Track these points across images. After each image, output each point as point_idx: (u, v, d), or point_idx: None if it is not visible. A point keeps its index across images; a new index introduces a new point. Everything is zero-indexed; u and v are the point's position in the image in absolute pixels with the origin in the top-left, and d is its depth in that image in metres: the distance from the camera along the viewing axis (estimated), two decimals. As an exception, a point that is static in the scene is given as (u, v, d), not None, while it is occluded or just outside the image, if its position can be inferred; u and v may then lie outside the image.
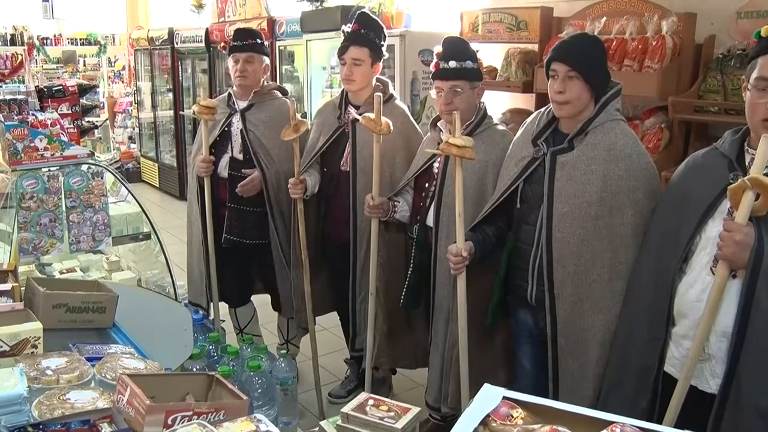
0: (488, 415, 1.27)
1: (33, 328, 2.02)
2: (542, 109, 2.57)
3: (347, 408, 1.75)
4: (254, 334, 3.76)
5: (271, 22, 6.62)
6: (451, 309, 2.79)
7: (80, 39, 12.10)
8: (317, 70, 6.11)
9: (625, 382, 2.23)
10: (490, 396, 1.31)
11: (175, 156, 9.10)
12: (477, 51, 2.93)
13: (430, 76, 2.93)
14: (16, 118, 3.25)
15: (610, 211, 2.32)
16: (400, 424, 1.70)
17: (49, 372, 1.85)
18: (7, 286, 2.35)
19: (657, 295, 2.13)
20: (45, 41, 11.70)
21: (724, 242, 1.87)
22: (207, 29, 7.86)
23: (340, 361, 4.02)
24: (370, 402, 1.80)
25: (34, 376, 1.81)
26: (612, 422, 1.23)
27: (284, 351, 3.45)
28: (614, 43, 3.69)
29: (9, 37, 11.46)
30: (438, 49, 2.85)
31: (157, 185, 9.56)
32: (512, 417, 1.27)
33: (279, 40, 6.53)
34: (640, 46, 3.56)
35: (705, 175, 2.08)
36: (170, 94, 9.09)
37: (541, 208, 2.42)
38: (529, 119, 2.62)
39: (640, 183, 2.32)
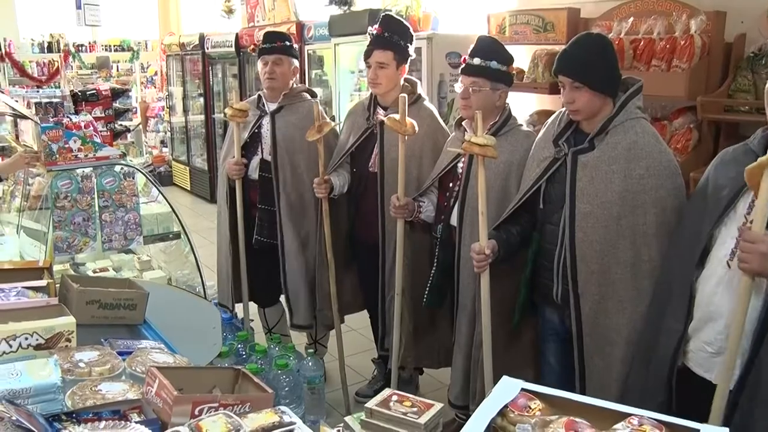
0: (506, 406, 1.28)
1: (67, 322, 2.08)
2: (562, 110, 2.57)
3: (371, 403, 1.77)
4: (282, 334, 3.80)
5: (300, 26, 6.69)
6: (477, 308, 2.80)
7: (114, 45, 12.30)
8: (345, 73, 6.14)
9: (649, 377, 2.23)
10: (508, 387, 1.32)
11: (206, 159, 9.21)
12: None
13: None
14: (51, 120, 3.34)
15: (632, 210, 2.32)
16: (423, 420, 1.71)
17: (81, 364, 1.90)
18: (42, 283, 2.41)
19: (681, 290, 2.12)
20: (80, 48, 11.92)
21: (749, 254, 1.81)
22: (237, 34, 7.95)
23: (368, 361, 4.05)
24: (394, 398, 1.81)
25: (67, 368, 1.86)
26: (629, 414, 1.24)
27: (312, 350, 3.49)
28: (642, 43, 3.66)
29: (46, 45, 11.71)
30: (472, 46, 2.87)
31: (189, 188, 9.68)
32: (530, 408, 1.29)
33: (308, 44, 6.59)
34: (668, 46, 3.53)
35: (731, 169, 2.07)
36: (201, 99, 9.20)
37: (564, 208, 2.42)
38: (550, 119, 2.63)
39: (662, 181, 2.32)
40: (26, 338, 2.01)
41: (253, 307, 3.87)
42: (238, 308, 3.88)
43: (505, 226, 2.66)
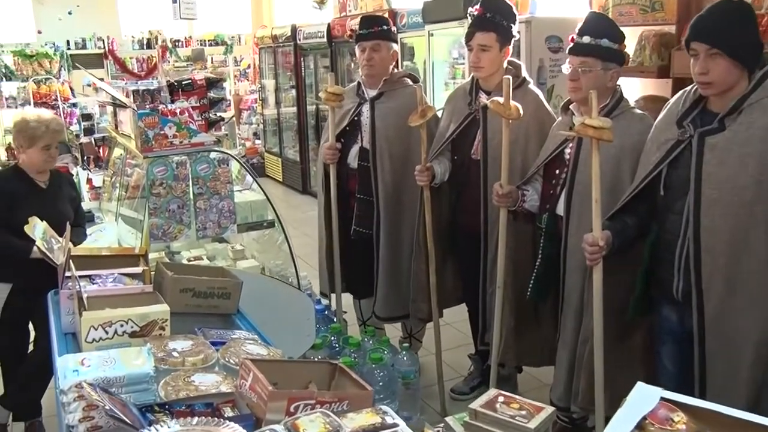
0: (645, 418, 1.12)
1: (161, 310, 2.06)
2: (687, 88, 2.36)
3: (476, 404, 1.65)
4: (377, 327, 3.71)
5: (393, 14, 6.56)
6: (586, 302, 2.62)
7: (208, 40, 12.60)
8: (439, 61, 6.01)
9: None
10: (645, 396, 1.16)
11: (298, 151, 9.26)
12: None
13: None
14: (148, 106, 3.34)
15: None
16: (532, 424, 1.59)
17: (175, 354, 1.87)
18: (138, 269, 2.41)
19: None
20: (177, 43, 12.27)
21: None
22: (329, 24, 7.92)
23: (463, 356, 3.91)
24: (500, 399, 1.69)
25: (161, 357, 1.83)
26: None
27: (407, 345, 3.38)
28: (764, 19, 3.36)
29: (145, 42, 12.11)
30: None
31: (281, 180, 9.77)
32: (672, 421, 1.12)
33: (400, 33, 6.46)
34: (797, 21, 3.23)
35: None
36: (293, 91, 9.24)
37: (688, 194, 2.22)
38: (672, 99, 2.41)
39: None
40: (121, 325, 2.00)
41: (347, 298, 3.79)
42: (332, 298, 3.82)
43: (620, 216, 2.46)
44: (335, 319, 3.72)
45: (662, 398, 1.16)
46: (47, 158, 3.16)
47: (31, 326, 3.31)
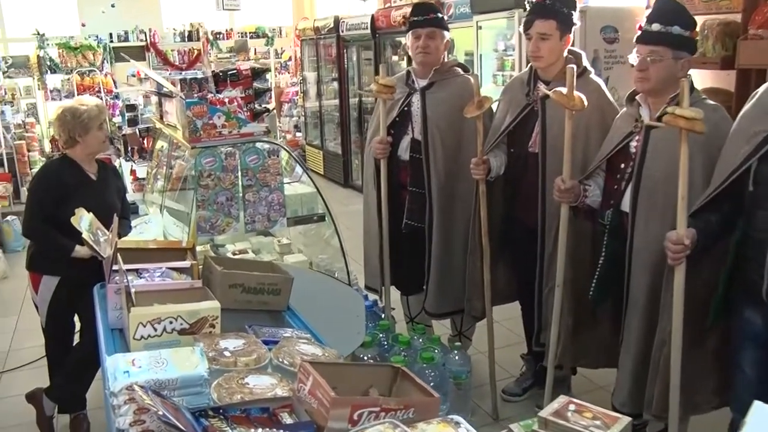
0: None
1: (211, 306, 1.98)
2: None
3: (545, 412, 1.54)
4: (426, 324, 3.59)
5: (439, 4, 6.42)
6: (662, 304, 2.46)
7: (250, 32, 12.59)
8: (484, 53, 5.87)
9: None
10: (765, 417, 1.02)
11: (339, 144, 9.18)
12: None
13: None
14: (196, 95, 3.27)
15: None
16: (609, 435, 1.45)
17: (227, 353, 1.79)
18: (186, 264, 2.34)
19: None
20: (218, 36, 12.28)
21: None
22: (372, 16, 7.82)
23: (514, 355, 3.77)
24: (571, 407, 1.56)
25: (212, 357, 1.75)
26: None
27: (458, 343, 3.26)
28: None
29: (186, 34, 12.14)
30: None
31: (322, 173, 9.70)
32: (799, 446, 0.98)
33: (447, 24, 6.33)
34: None
35: None
36: (335, 83, 9.16)
37: None
38: (762, 89, 2.24)
39: None
40: (170, 322, 1.92)
41: (394, 293, 3.68)
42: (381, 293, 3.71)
43: (702, 214, 2.30)
44: (383, 316, 3.63)
45: (784, 420, 1.03)
46: (104, 138, 3.19)
47: (76, 318, 3.28)
